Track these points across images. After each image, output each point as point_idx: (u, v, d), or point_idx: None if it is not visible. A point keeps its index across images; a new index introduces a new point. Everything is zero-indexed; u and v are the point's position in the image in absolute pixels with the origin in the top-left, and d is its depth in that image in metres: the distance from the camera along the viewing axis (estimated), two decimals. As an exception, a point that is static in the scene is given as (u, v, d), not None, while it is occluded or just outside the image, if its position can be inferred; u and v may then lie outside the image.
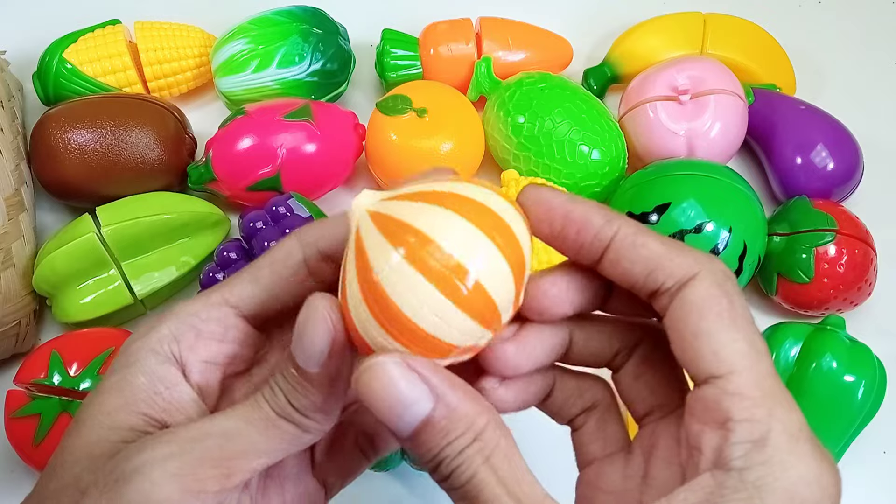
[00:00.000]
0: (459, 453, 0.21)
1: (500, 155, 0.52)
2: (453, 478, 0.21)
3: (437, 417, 0.21)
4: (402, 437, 0.22)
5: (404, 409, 0.21)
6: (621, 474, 0.25)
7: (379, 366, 0.21)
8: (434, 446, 0.21)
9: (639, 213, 0.46)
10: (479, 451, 0.21)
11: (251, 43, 0.52)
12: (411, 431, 0.21)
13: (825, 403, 0.43)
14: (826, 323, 0.45)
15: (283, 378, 0.23)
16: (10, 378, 0.43)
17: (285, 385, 0.23)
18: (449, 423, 0.21)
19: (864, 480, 0.46)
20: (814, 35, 0.62)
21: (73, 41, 0.53)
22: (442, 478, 0.22)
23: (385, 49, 0.55)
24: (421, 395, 0.21)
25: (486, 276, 0.21)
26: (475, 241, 0.21)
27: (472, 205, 0.22)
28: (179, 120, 0.51)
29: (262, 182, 0.49)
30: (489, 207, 0.22)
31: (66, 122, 0.48)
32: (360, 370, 0.21)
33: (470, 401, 0.22)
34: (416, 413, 0.21)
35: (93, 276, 0.47)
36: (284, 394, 0.23)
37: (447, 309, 0.21)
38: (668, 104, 0.51)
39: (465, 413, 0.21)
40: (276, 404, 0.23)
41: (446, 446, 0.21)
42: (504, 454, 0.21)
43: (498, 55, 0.55)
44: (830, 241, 0.47)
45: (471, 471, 0.21)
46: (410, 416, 0.21)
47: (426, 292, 0.20)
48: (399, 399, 0.21)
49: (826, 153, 0.51)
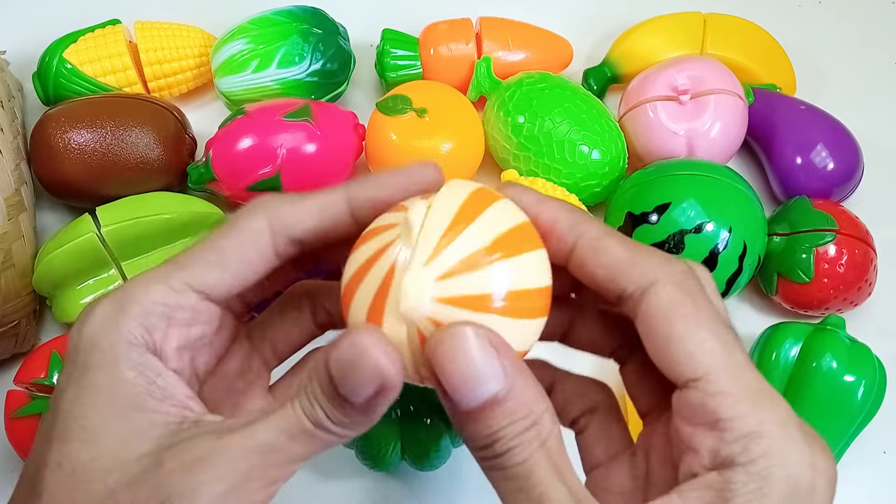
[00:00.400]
0: (518, 435, 0.21)
1: (500, 155, 0.52)
2: (507, 457, 0.22)
3: (505, 399, 0.21)
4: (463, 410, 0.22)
5: (477, 384, 0.21)
6: (629, 475, 0.25)
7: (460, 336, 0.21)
8: (494, 425, 0.22)
9: (639, 213, 0.46)
10: (537, 436, 0.22)
11: (251, 43, 0.52)
12: (476, 406, 0.21)
13: (825, 403, 0.43)
14: (826, 323, 0.45)
15: (321, 395, 0.22)
16: (10, 378, 0.43)
17: (325, 403, 0.22)
18: (514, 405, 0.22)
19: (864, 480, 0.46)
20: (814, 35, 0.62)
21: (73, 41, 0.53)
22: (494, 455, 0.22)
23: (385, 49, 0.55)
24: (495, 374, 0.21)
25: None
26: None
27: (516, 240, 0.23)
28: (179, 120, 0.51)
29: (262, 182, 0.49)
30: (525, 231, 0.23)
31: (66, 122, 0.48)
32: (439, 336, 0.21)
33: (533, 386, 0.22)
34: (487, 390, 0.21)
35: (93, 276, 0.47)
36: (324, 410, 0.22)
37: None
38: (668, 104, 0.51)
39: (529, 398, 0.22)
40: (315, 418, 0.22)
41: (507, 426, 0.22)
42: (557, 441, 0.22)
43: (498, 55, 0.55)
44: (830, 241, 0.47)
45: (526, 453, 0.22)
46: (482, 391, 0.21)
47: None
48: (475, 374, 0.21)
49: (826, 153, 0.51)
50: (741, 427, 0.21)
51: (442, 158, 0.49)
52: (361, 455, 0.40)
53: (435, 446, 0.40)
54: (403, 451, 0.40)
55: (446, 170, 0.26)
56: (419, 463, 0.40)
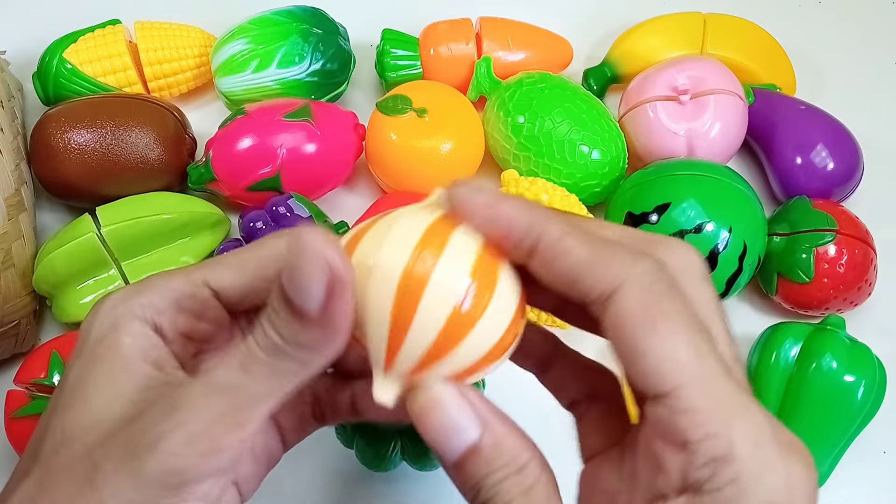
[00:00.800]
0: (499, 483, 0.22)
1: (500, 155, 0.52)
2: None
3: (484, 446, 0.22)
4: (448, 461, 0.23)
5: (454, 433, 0.22)
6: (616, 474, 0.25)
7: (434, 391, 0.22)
8: (476, 472, 0.22)
9: (639, 213, 0.46)
10: (519, 483, 0.22)
11: (251, 43, 0.52)
12: (458, 457, 0.22)
13: (825, 403, 0.43)
14: (826, 323, 0.45)
15: (274, 314, 0.21)
16: (10, 378, 0.43)
17: (278, 322, 0.21)
18: (493, 452, 0.22)
19: (864, 480, 0.46)
20: (814, 35, 0.62)
21: (73, 41, 0.53)
22: (479, 503, 0.22)
23: (385, 49, 0.55)
24: (470, 423, 0.22)
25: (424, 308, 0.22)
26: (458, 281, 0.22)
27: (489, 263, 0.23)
28: (179, 120, 0.51)
29: (262, 182, 0.49)
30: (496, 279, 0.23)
31: (66, 122, 0.48)
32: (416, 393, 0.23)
33: (516, 436, 0.23)
34: (464, 439, 0.22)
35: (93, 276, 0.47)
36: (278, 331, 0.21)
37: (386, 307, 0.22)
38: (668, 104, 0.51)
39: (511, 446, 0.22)
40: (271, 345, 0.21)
41: (488, 474, 0.22)
42: (543, 491, 0.22)
43: (498, 55, 0.55)
44: (830, 241, 0.47)
45: (507, 498, 0.22)
46: (459, 441, 0.22)
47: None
48: (450, 424, 0.22)
49: (826, 153, 0.51)
50: (710, 450, 0.20)
51: (442, 158, 0.49)
52: (361, 455, 0.40)
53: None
54: (403, 451, 0.40)
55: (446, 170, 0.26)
56: (419, 463, 0.40)
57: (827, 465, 0.44)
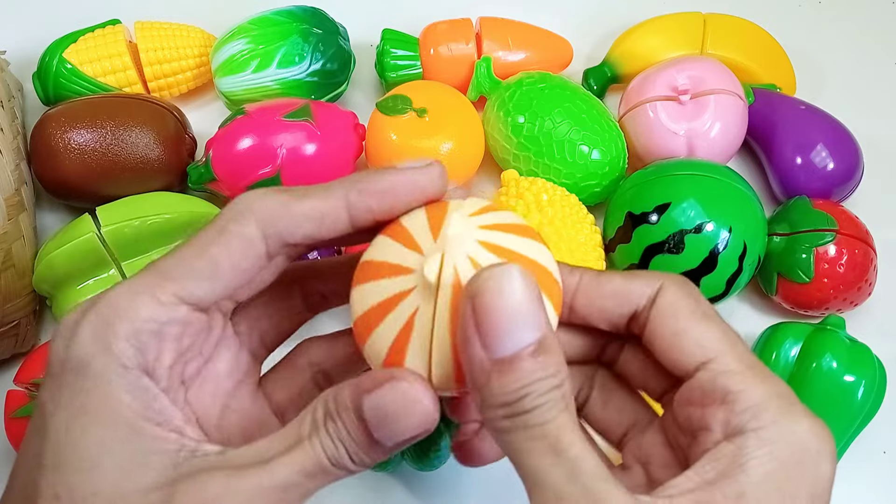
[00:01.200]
0: (547, 392, 0.21)
1: (500, 155, 0.52)
2: (534, 415, 0.21)
3: (539, 351, 0.21)
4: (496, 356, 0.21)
5: (519, 327, 0.21)
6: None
7: (512, 273, 0.21)
8: (525, 378, 0.21)
9: (639, 213, 0.46)
10: (563, 398, 0.21)
11: (251, 43, 0.52)
12: (508, 355, 0.21)
13: (825, 403, 0.43)
14: (826, 323, 0.45)
15: (347, 437, 0.22)
16: (10, 378, 0.43)
17: (351, 445, 0.22)
18: (546, 360, 0.21)
19: (864, 480, 0.46)
20: (814, 35, 0.62)
21: (73, 41, 0.53)
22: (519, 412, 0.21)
23: (385, 49, 0.55)
24: (537, 322, 0.21)
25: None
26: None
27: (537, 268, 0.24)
28: (179, 120, 0.51)
29: (262, 182, 0.49)
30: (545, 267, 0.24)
31: (66, 122, 0.48)
32: (490, 271, 0.21)
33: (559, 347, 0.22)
34: (525, 338, 0.21)
35: (93, 275, 0.47)
36: (348, 452, 0.22)
37: None
38: (668, 104, 0.51)
39: (559, 359, 0.21)
40: (336, 458, 0.22)
41: (537, 381, 0.21)
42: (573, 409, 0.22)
43: (498, 55, 0.55)
44: (830, 241, 0.47)
45: (555, 411, 0.21)
46: (520, 337, 0.21)
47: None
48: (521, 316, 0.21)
49: (826, 153, 0.51)
50: (750, 398, 0.23)
51: (442, 158, 0.49)
52: (361, 455, 0.40)
53: (435, 446, 0.40)
54: (403, 450, 0.40)
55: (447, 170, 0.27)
56: (419, 463, 0.40)
57: (827, 465, 0.44)
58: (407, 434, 0.22)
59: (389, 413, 0.21)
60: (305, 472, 0.22)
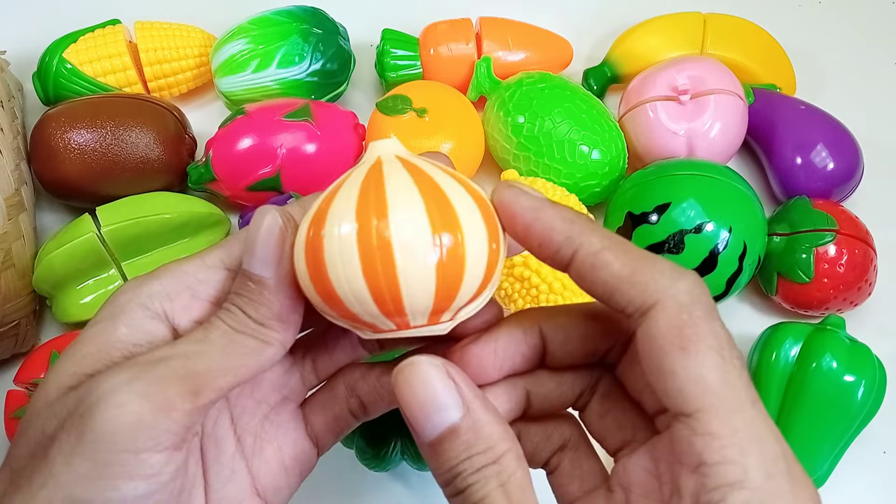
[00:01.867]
0: (477, 471, 0.21)
1: (500, 155, 0.52)
2: (467, 494, 0.21)
3: (464, 428, 0.22)
4: (426, 440, 0.22)
5: (435, 411, 0.22)
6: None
7: (418, 365, 0.22)
8: (453, 457, 0.22)
9: (639, 213, 0.46)
10: (497, 475, 0.21)
11: (251, 43, 0.52)
12: (436, 436, 0.22)
13: (825, 403, 0.43)
14: (826, 323, 0.45)
15: (236, 294, 0.23)
16: (10, 378, 0.43)
17: (240, 299, 0.23)
18: (473, 437, 0.22)
19: (864, 480, 0.46)
20: (814, 35, 0.62)
21: (73, 41, 0.53)
22: (455, 492, 0.22)
23: (385, 49, 0.55)
24: (453, 403, 0.22)
25: (407, 275, 0.21)
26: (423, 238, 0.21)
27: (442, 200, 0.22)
28: (179, 120, 0.51)
29: (262, 182, 0.49)
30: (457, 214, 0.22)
31: (66, 122, 0.48)
32: (400, 366, 0.22)
33: (497, 424, 0.22)
34: (445, 419, 0.22)
35: (93, 275, 0.47)
36: (240, 307, 0.23)
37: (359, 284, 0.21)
38: (668, 104, 0.51)
39: (490, 433, 0.22)
40: (233, 320, 0.23)
41: (465, 460, 0.21)
42: (519, 485, 0.22)
43: (498, 55, 0.55)
44: (830, 241, 0.47)
45: (485, 490, 0.21)
46: (439, 419, 0.22)
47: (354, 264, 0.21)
48: (432, 401, 0.22)
49: (826, 153, 0.51)
50: (724, 474, 0.20)
51: (442, 158, 0.49)
52: (361, 455, 0.40)
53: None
54: (403, 451, 0.40)
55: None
56: (419, 463, 0.40)
57: (827, 465, 0.44)
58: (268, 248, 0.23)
59: (251, 236, 0.23)
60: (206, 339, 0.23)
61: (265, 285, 0.23)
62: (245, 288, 0.23)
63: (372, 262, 0.21)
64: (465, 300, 0.23)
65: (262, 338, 0.23)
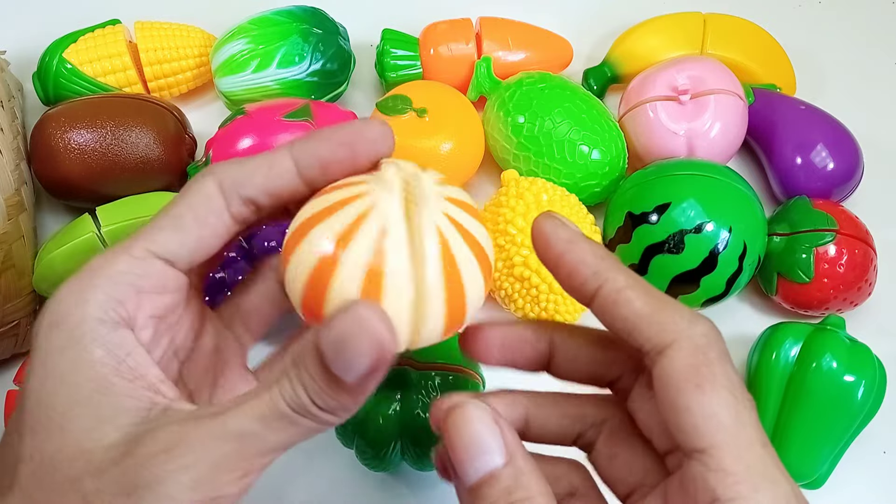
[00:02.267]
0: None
1: (500, 155, 0.52)
2: None
3: (505, 475, 0.23)
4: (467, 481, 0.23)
5: (479, 454, 0.23)
6: None
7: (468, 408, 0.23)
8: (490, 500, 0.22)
9: (639, 213, 0.46)
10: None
11: (251, 43, 0.52)
12: (478, 479, 0.23)
13: (825, 403, 0.43)
14: (826, 323, 0.45)
15: (308, 377, 0.21)
16: (10, 378, 0.43)
17: (311, 385, 0.21)
18: (512, 485, 0.23)
19: (864, 480, 0.46)
20: (814, 35, 0.62)
21: (73, 41, 0.53)
22: None
23: (385, 49, 0.55)
24: (497, 448, 0.23)
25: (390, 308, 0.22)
26: (405, 274, 0.22)
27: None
28: (179, 120, 0.51)
29: (262, 182, 0.49)
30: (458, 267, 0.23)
31: (66, 122, 0.48)
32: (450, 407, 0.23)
33: (537, 475, 0.23)
34: (488, 463, 0.23)
35: (93, 276, 0.47)
36: (308, 394, 0.21)
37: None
38: (668, 104, 0.51)
39: (529, 483, 0.23)
40: (298, 404, 0.21)
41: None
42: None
43: (498, 55, 0.55)
44: (830, 241, 0.47)
45: None
46: (483, 462, 0.23)
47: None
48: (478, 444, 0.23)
49: (826, 153, 0.51)
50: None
51: (442, 158, 0.49)
52: (361, 455, 0.40)
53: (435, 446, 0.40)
54: (403, 451, 0.40)
55: (446, 170, 0.27)
56: (419, 463, 0.40)
57: (827, 465, 0.44)
58: (361, 360, 0.20)
59: (342, 339, 0.20)
60: (261, 418, 0.21)
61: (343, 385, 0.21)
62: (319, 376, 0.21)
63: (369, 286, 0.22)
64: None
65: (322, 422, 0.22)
